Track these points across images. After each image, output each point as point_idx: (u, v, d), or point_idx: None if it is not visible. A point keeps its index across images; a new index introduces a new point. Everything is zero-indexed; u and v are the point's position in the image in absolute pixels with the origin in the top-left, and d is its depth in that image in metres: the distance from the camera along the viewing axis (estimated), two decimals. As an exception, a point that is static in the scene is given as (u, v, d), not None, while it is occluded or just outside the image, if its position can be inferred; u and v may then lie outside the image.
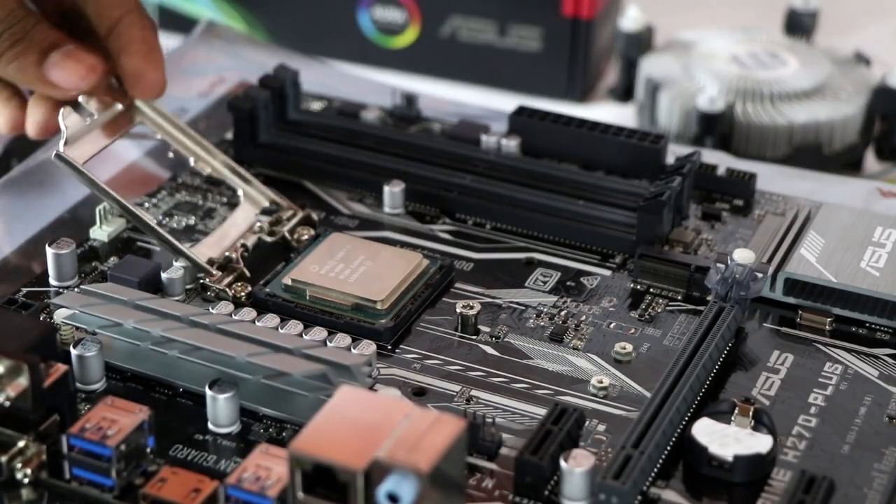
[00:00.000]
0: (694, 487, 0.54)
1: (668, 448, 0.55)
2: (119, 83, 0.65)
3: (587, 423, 0.56)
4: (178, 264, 0.62)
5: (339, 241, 0.65)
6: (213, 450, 0.55)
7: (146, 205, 0.69)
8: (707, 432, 0.55)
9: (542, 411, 0.57)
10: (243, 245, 0.65)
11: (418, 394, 0.58)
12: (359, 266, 0.63)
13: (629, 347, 0.60)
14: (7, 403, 0.52)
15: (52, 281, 0.63)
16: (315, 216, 0.67)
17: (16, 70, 0.63)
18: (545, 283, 0.65)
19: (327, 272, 0.63)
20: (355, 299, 0.61)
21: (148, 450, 0.53)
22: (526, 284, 0.64)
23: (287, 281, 0.62)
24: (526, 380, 0.59)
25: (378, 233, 0.67)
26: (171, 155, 0.68)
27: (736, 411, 0.55)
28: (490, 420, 0.55)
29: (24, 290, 0.63)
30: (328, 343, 0.57)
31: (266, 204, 0.67)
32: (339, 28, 0.88)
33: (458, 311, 0.62)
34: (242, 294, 0.62)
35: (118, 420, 0.52)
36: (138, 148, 0.73)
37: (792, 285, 0.62)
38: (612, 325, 0.62)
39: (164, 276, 0.62)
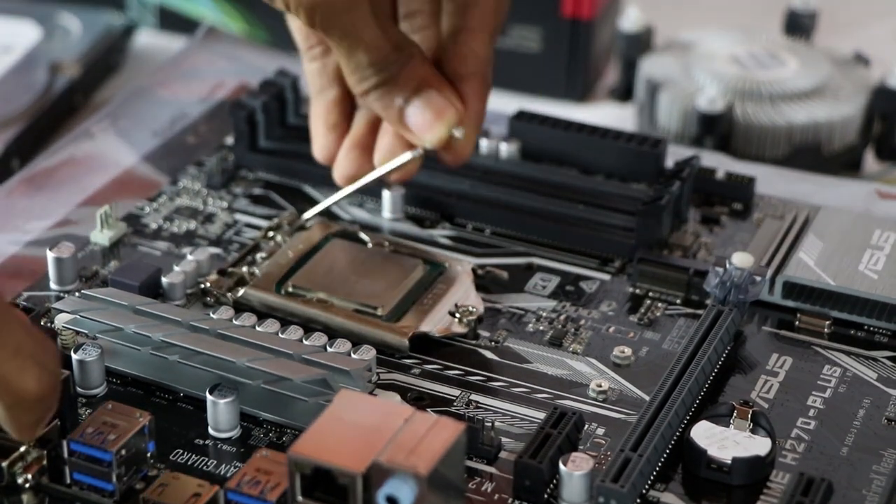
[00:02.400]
0: (693, 490, 0.54)
1: (667, 451, 0.55)
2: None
3: (586, 426, 0.56)
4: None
5: (339, 247, 0.65)
6: (214, 454, 0.55)
7: (146, 209, 0.69)
8: (706, 435, 0.55)
9: (541, 415, 0.57)
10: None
11: (418, 398, 0.58)
12: (359, 272, 0.63)
13: (628, 351, 0.60)
14: (8, 409, 0.52)
15: (52, 285, 0.63)
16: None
17: (381, 109, 0.62)
18: (544, 287, 0.65)
19: (328, 278, 0.63)
20: (356, 305, 0.61)
21: (148, 454, 0.53)
22: (525, 289, 0.64)
23: (288, 287, 0.62)
24: (525, 384, 0.59)
25: (378, 237, 0.68)
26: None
27: (735, 414, 0.55)
28: (489, 424, 0.56)
29: (25, 294, 0.63)
30: (328, 348, 0.58)
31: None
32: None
33: (457, 316, 0.62)
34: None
35: (119, 425, 0.53)
36: (136, 153, 0.73)
37: (790, 288, 0.62)
38: (611, 329, 0.62)
39: (164, 280, 0.62)
